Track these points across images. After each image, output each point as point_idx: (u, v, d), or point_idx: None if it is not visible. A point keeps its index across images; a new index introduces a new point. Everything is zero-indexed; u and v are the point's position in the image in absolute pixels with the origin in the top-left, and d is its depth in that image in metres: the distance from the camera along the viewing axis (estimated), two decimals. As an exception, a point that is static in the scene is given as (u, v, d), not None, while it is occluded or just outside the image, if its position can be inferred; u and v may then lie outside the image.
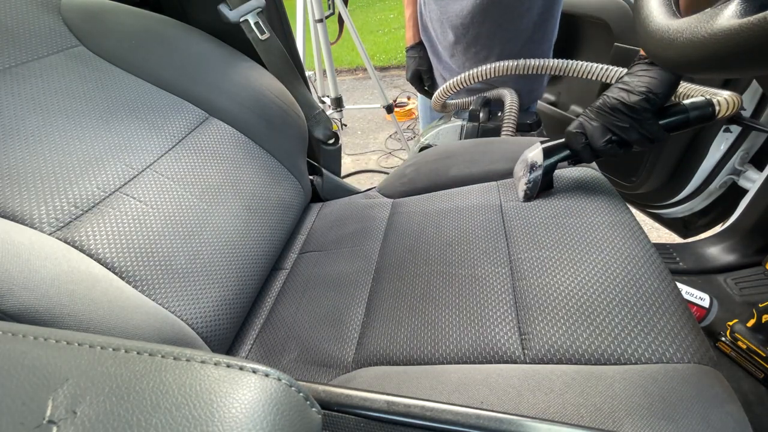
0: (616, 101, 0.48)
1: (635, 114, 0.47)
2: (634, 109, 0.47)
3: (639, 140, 0.49)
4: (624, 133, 0.49)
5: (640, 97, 0.47)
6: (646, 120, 0.47)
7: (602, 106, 0.50)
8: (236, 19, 0.65)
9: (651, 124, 0.48)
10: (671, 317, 0.39)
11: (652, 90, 0.46)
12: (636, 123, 0.48)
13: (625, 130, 0.49)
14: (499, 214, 0.57)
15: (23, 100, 0.46)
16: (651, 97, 0.46)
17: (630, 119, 0.48)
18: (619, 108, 0.48)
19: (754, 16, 0.23)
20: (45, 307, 0.32)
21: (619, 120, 0.49)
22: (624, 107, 0.48)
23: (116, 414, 0.17)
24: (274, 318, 0.57)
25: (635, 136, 0.49)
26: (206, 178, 0.56)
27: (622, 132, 0.49)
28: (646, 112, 0.47)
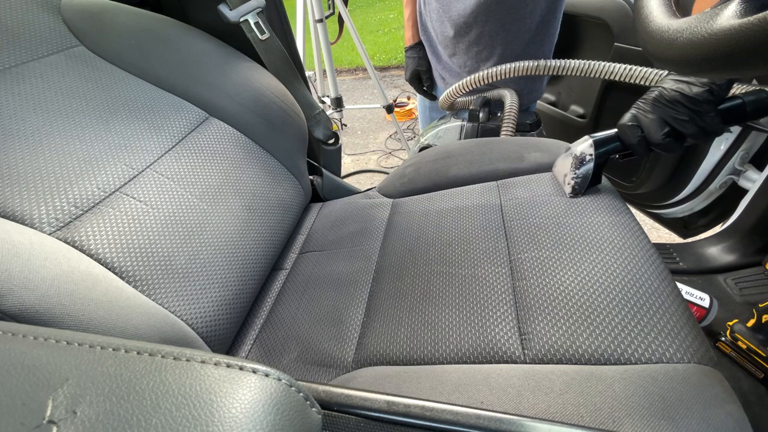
0: (676, 93, 0.47)
1: (696, 106, 0.46)
2: (696, 101, 0.46)
3: (696, 133, 0.47)
4: (682, 126, 0.47)
5: (702, 89, 0.45)
6: (707, 112, 0.46)
7: (659, 97, 0.49)
8: (236, 19, 0.65)
9: (712, 116, 0.46)
10: (671, 317, 0.39)
11: (715, 81, 0.45)
12: (696, 115, 0.46)
13: (683, 123, 0.47)
14: (499, 214, 0.57)
15: (23, 100, 0.46)
16: (714, 89, 0.45)
17: (690, 111, 0.46)
18: (679, 100, 0.47)
19: (754, 16, 0.23)
20: (45, 307, 0.32)
21: (679, 113, 0.47)
22: (685, 99, 0.46)
23: (116, 414, 0.17)
24: (274, 318, 0.57)
25: (693, 130, 0.47)
26: (206, 178, 0.56)
27: (680, 125, 0.47)
28: (709, 104, 0.46)
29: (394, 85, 3.22)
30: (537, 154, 0.66)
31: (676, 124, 0.48)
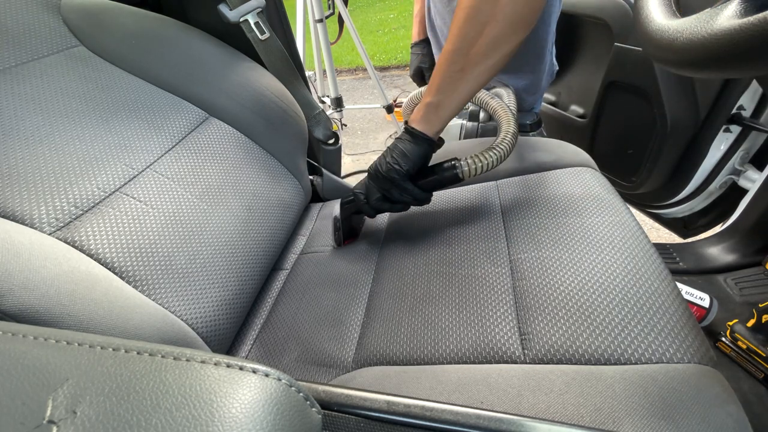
0: (375, 167, 0.55)
1: (388, 180, 0.54)
2: (384, 177, 0.54)
3: (402, 199, 0.55)
4: (387, 193, 0.55)
5: (388, 168, 0.53)
6: (401, 185, 0.53)
7: (370, 168, 0.56)
8: (236, 19, 0.65)
9: (406, 187, 0.54)
10: (671, 317, 0.39)
11: (399, 163, 0.52)
12: (394, 186, 0.54)
13: (387, 191, 0.55)
14: (499, 214, 0.57)
15: (23, 100, 0.46)
16: (397, 169, 0.52)
17: (388, 183, 0.54)
18: (377, 174, 0.55)
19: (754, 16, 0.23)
20: (45, 307, 0.32)
21: (381, 183, 0.55)
22: (380, 174, 0.54)
23: (116, 414, 0.17)
24: (274, 318, 0.57)
25: (397, 196, 0.55)
26: (206, 178, 0.56)
27: (387, 193, 0.55)
28: (397, 180, 0.53)
29: (394, 85, 3.22)
30: (537, 154, 0.66)
31: (384, 192, 0.55)
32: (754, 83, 0.73)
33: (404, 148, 0.53)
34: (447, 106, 0.52)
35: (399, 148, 0.54)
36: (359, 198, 0.59)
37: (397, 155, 0.53)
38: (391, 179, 0.53)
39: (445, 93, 0.51)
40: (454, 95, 0.51)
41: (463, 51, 0.48)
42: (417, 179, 0.55)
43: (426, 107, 0.53)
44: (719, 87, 0.74)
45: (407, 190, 0.54)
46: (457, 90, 0.51)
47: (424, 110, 0.53)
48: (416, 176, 0.55)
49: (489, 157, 0.54)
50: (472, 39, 0.47)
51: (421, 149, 0.53)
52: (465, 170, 0.54)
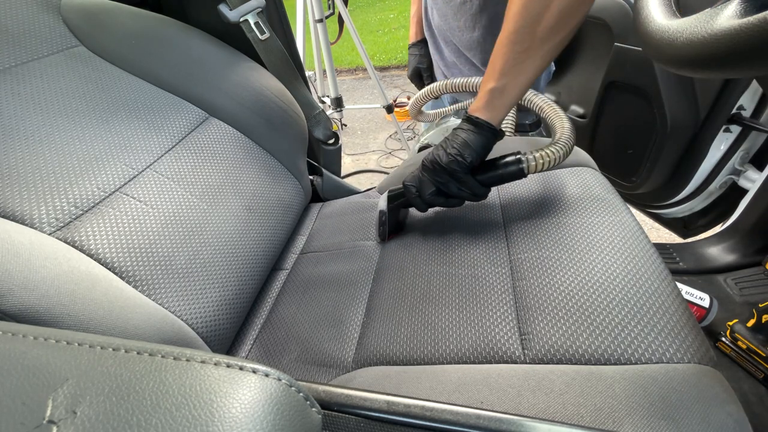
0: (433, 158, 0.52)
1: (448, 173, 0.51)
2: (445, 168, 0.51)
3: (460, 194, 0.52)
4: (445, 187, 0.52)
5: (449, 159, 0.50)
6: (460, 178, 0.51)
7: (425, 160, 0.54)
8: (236, 19, 0.65)
9: (466, 181, 0.51)
10: (671, 317, 0.39)
11: (461, 153, 0.50)
12: (452, 179, 0.51)
13: (444, 184, 0.52)
14: (499, 214, 0.57)
15: (23, 100, 0.46)
16: (459, 160, 0.50)
17: (447, 176, 0.51)
18: (435, 165, 0.52)
19: (754, 16, 0.23)
20: (45, 307, 0.32)
21: (438, 176, 0.52)
22: (439, 166, 0.51)
23: (116, 414, 0.17)
24: (274, 318, 0.57)
25: (455, 191, 0.52)
26: (206, 178, 0.56)
27: (443, 186, 0.52)
28: (458, 172, 0.50)
29: (394, 85, 3.22)
30: (537, 154, 0.66)
31: (440, 186, 0.52)
32: (754, 83, 0.73)
33: (466, 138, 0.50)
34: (512, 91, 0.49)
35: (460, 138, 0.50)
36: (410, 191, 0.55)
37: (458, 146, 0.50)
38: (451, 171, 0.50)
39: (510, 76, 0.49)
40: (519, 78, 0.49)
41: (527, 29, 0.46)
42: (475, 173, 0.52)
43: (489, 94, 0.50)
44: (719, 87, 0.74)
45: (467, 184, 0.51)
46: (524, 71, 0.48)
47: (488, 97, 0.50)
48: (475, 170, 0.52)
49: (555, 152, 0.51)
50: (537, 15, 0.45)
51: (484, 139, 0.50)
52: (531, 164, 0.50)
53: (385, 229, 0.60)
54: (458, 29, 0.86)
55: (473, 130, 0.50)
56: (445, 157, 0.50)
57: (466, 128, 0.51)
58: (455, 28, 0.86)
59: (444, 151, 0.51)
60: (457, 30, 0.86)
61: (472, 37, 0.85)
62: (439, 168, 0.51)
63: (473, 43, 0.86)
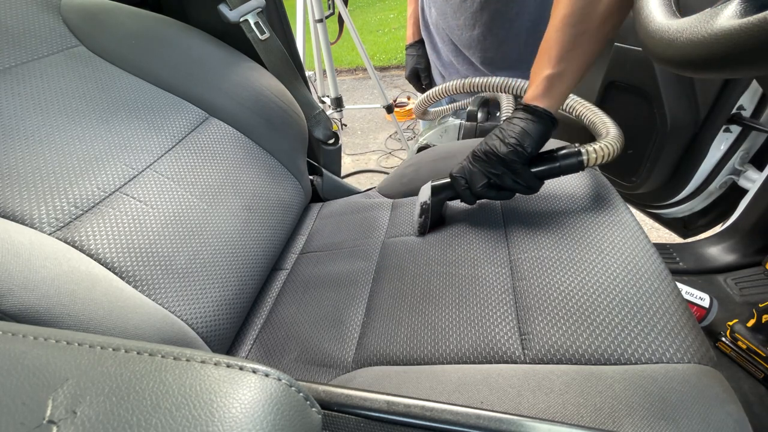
0: (489, 149, 0.50)
1: (505, 164, 0.49)
2: (503, 159, 0.49)
3: (513, 186, 0.51)
4: (498, 179, 0.50)
5: (509, 149, 0.48)
6: (517, 169, 0.49)
7: (478, 151, 0.52)
8: (236, 19, 0.65)
9: (522, 173, 0.49)
10: (671, 317, 0.39)
11: (521, 143, 0.48)
12: (508, 171, 0.49)
13: (498, 176, 0.50)
14: (500, 214, 0.57)
15: (23, 100, 0.46)
16: (519, 150, 0.48)
17: (502, 167, 0.49)
18: (491, 156, 0.50)
19: (754, 16, 0.23)
20: (45, 307, 0.32)
21: (493, 167, 0.50)
22: (495, 156, 0.49)
23: (116, 414, 0.17)
24: (274, 318, 0.57)
25: (509, 183, 0.50)
26: (206, 178, 0.56)
27: (497, 178, 0.50)
28: (516, 163, 0.48)
29: (394, 85, 3.22)
30: (537, 154, 0.66)
31: (493, 177, 0.50)
32: (754, 83, 0.73)
33: (525, 127, 0.48)
34: (570, 76, 0.48)
35: (518, 127, 0.48)
36: (460, 183, 0.53)
37: (517, 135, 0.48)
38: (509, 162, 0.48)
39: (567, 61, 0.48)
40: (577, 62, 0.48)
41: (585, 11, 0.45)
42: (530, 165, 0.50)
43: (547, 81, 0.48)
44: (719, 87, 0.74)
45: (523, 177, 0.49)
46: (582, 55, 0.47)
47: (545, 84, 0.49)
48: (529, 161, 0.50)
49: (611, 145, 0.49)
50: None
51: (544, 128, 0.48)
52: (592, 157, 0.49)
53: (426, 222, 0.58)
54: (457, 28, 0.86)
55: (531, 119, 0.49)
56: (504, 148, 0.48)
57: (524, 117, 0.49)
58: (454, 26, 0.86)
59: (500, 141, 0.49)
60: (456, 29, 0.86)
61: (472, 35, 0.85)
62: (495, 159, 0.49)
63: (473, 42, 0.86)
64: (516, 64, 0.87)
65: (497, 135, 0.50)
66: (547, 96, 0.49)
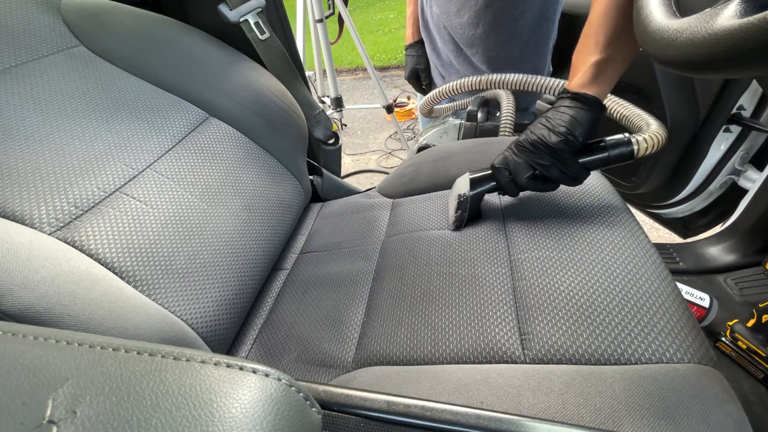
0: (537, 139, 0.48)
1: (555, 153, 0.47)
2: (553, 149, 0.47)
3: (560, 178, 0.49)
4: (545, 170, 0.49)
5: (559, 138, 0.47)
6: (566, 159, 0.48)
7: (524, 141, 0.50)
8: (236, 19, 0.65)
9: (571, 163, 0.48)
10: (671, 317, 0.39)
11: (572, 132, 0.46)
12: (557, 161, 0.48)
13: (546, 167, 0.49)
14: (500, 214, 0.57)
15: (23, 100, 0.46)
16: (570, 139, 0.46)
17: (550, 157, 0.48)
18: (539, 146, 0.48)
19: (754, 16, 0.23)
20: (45, 307, 0.32)
21: (540, 157, 0.48)
22: (544, 146, 0.48)
23: (116, 414, 0.17)
24: (274, 318, 0.57)
25: (556, 174, 0.49)
26: (206, 178, 0.56)
27: (544, 169, 0.49)
28: (565, 153, 0.47)
29: (394, 85, 3.22)
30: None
31: (540, 168, 0.49)
32: (754, 83, 0.73)
33: (575, 115, 0.47)
34: (618, 61, 0.47)
35: (567, 115, 0.47)
36: (503, 175, 0.51)
37: (567, 124, 0.46)
38: (559, 152, 0.47)
39: (614, 46, 0.46)
40: (627, 47, 0.46)
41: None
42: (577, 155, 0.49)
43: (594, 67, 0.47)
44: (719, 87, 0.74)
45: (572, 167, 0.48)
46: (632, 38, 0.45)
47: (593, 70, 0.47)
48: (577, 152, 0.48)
49: (659, 135, 0.48)
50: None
51: (593, 116, 0.47)
52: (642, 146, 0.47)
53: (464, 216, 0.56)
54: (460, 26, 0.86)
55: (580, 107, 0.47)
56: (554, 137, 0.47)
57: (572, 105, 0.48)
58: (457, 25, 0.86)
59: (549, 130, 0.47)
60: (458, 27, 0.86)
61: (475, 34, 0.85)
62: (543, 149, 0.47)
63: (475, 40, 0.86)
64: (517, 63, 0.87)
65: (544, 124, 0.48)
66: (596, 83, 0.48)
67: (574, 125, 0.47)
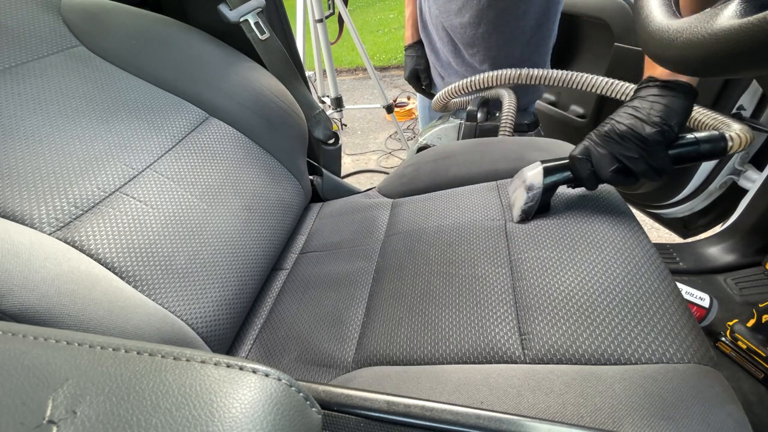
0: (628, 129, 0.45)
1: (647, 145, 0.44)
2: (646, 140, 0.44)
3: (646, 172, 0.46)
4: (632, 163, 0.46)
5: (655, 129, 0.43)
6: (658, 152, 0.44)
7: (610, 132, 0.47)
8: (236, 19, 0.65)
9: (662, 156, 0.45)
10: (671, 317, 0.39)
11: (668, 122, 0.43)
12: (646, 154, 0.45)
13: (633, 160, 0.45)
14: (500, 213, 0.57)
15: (23, 100, 0.46)
16: (666, 130, 0.43)
17: (640, 150, 0.45)
18: (629, 137, 0.45)
19: (754, 16, 0.23)
20: (45, 307, 0.32)
21: (629, 150, 0.45)
22: (635, 137, 0.44)
23: (116, 414, 0.17)
24: (274, 318, 0.57)
25: (643, 167, 0.46)
26: (206, 178, 0.56)
27: (631, 162, 0.46)
28: (659, 145, 0.44)
29: (394, 85, 3.22)
30: (537, 154, 0.66)
31: (627, 161, 0.46)
32: (754, 83, 0.73)
33: (668, 104, 0.43)
34: None
35: (660, 104, 0.44)
36: (585, 167, 0.48)
37: (662, 113, 0.43)
38: (652, 144, 0.43)
39: None
40: None
41: None
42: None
43: None
44: (719, 87, 0.74)
45: (662, 160, 0.44)
46: None
47: None
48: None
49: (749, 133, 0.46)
50: None
51: (688, 104, 0.44)
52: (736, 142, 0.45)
53: (533, 207, 0.53)
54: (460, 26, 0.86)
55: (673, 95, 0.44)
56: (648, 128, 0.43)
57: (664, 94, 0.44)
58: (457, 25, 0.86)
59: (641, 121, 0.44)
60: (459, 27, 0.86)
61: (476, 33, 0.85)
62: (635, 140, 0.44)
63: (477, 40, 0.86)
64: (518, 64, 0.87)
65: (633, 114, 0.45)
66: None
67: (669, 114, 0.43)
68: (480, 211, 0.59)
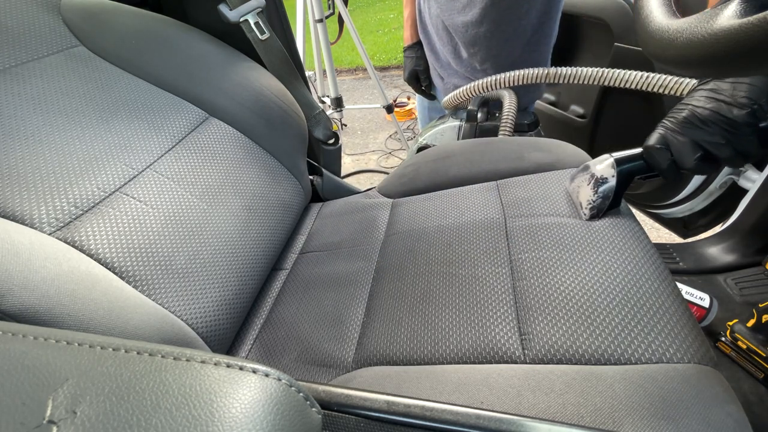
0: (712, 113, 0.41)
1: (735, 129, 0.40)
2: (735, 123, 0.40)
3: (732, 157, 0.42)
4: (718, 149, 0.42)
5: (744, 111, 0.40)
6: (746, 135, 0.40)
7: (691, 117, 0.43)
8: (236, 19, 0.65)
9: (750, 139, 0.41)
10: (671, 317, 0.39)
11: (758, 101, 0.39)
12: (733, 138, 0.41)
13: (719, 146, 0.42)
14: (500, 213, 0.57)
15: (23, 100, 0.46)
16: (756, 109, 0.39)
17: (728, 134, 0.41)
18: (715, 121, 0.41)
19: (754, 16, 0.23)
20: (45, 307, 0.32)
21: (714, 135, 0.42)
22: (722, 121, 0.41)
23: (116, 414, 0.17)
24: (274, 318, 0.57)
25: (729, 153, 0.42)
26: (206, 178, 0.56)
27: (716, 149, 0.42)
28: (748, 127, 0.40)
29: (394, 85, 3.22)
30: (537, 154, 0.66)
31: (712, 148, 0.42)
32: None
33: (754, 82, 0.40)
34: None
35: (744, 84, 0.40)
36: (664, 156, 0.45)
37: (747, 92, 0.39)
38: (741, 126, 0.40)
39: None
40: None
41: None
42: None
43: None
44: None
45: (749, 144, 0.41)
46: None
47: None
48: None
49: None
50: None
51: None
52: None
53: (605, 203, 0.49)
54: (463, 25, 0.85)
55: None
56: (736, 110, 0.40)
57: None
58: (460, 23, 0.86)
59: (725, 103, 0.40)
60: (461, 26, 0.86)
61: (478, 32, 0.84)
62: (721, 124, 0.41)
63: (478, 39, 0.86)
64: (517, 63, 0.87)
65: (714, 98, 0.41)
66: None
67: (757, 93, 0.39)
68: (480, 210, 0.59)
